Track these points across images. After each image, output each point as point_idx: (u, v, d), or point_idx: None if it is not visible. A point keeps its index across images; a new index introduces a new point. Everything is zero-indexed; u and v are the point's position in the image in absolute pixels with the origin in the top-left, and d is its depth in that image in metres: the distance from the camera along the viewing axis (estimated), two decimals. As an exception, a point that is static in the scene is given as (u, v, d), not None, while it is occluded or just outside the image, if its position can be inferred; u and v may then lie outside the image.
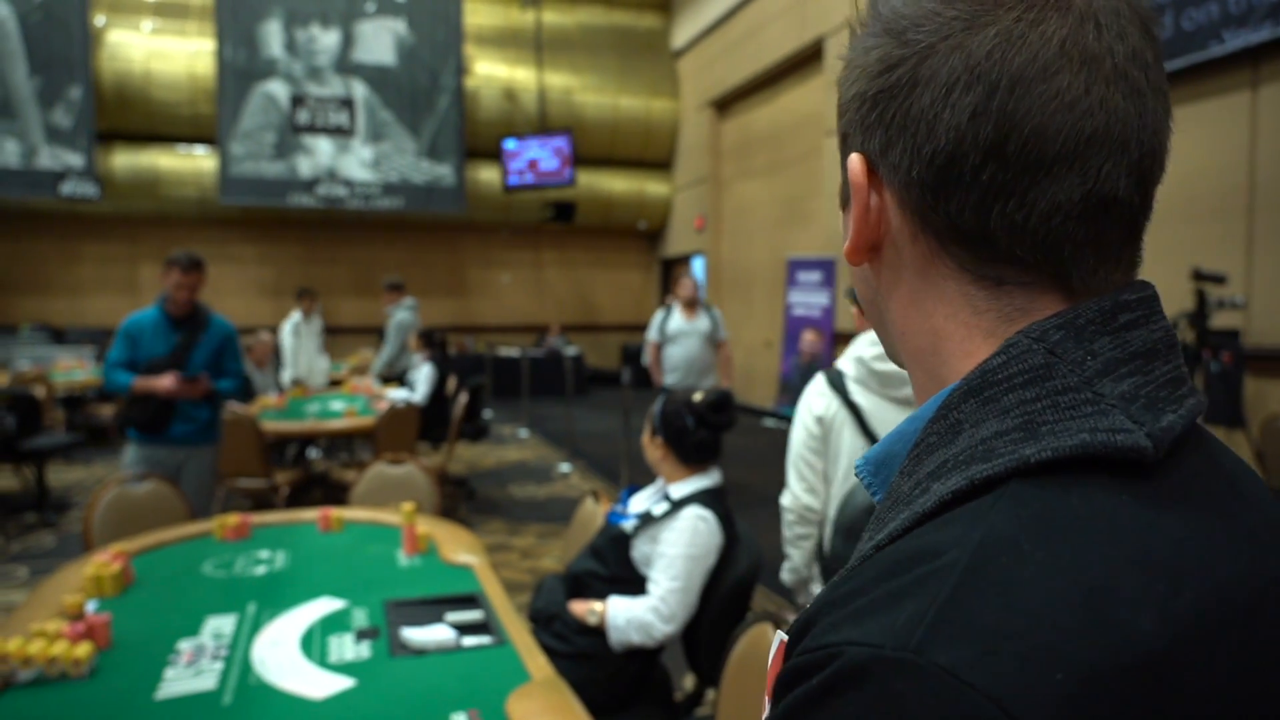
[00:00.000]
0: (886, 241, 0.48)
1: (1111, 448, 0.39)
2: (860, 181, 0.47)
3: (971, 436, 0.41)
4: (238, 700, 1.52)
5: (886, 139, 0.46)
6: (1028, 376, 0.41)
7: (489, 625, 1.85)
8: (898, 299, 0.49)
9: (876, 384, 2.05)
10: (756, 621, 1.55)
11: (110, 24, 10.64)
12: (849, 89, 0.48)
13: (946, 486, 0.40)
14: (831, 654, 0.36)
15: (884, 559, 0.40)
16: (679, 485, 2.02)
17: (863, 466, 0.51)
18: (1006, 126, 0.42)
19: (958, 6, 0.43)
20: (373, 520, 2.71)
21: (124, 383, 3.43)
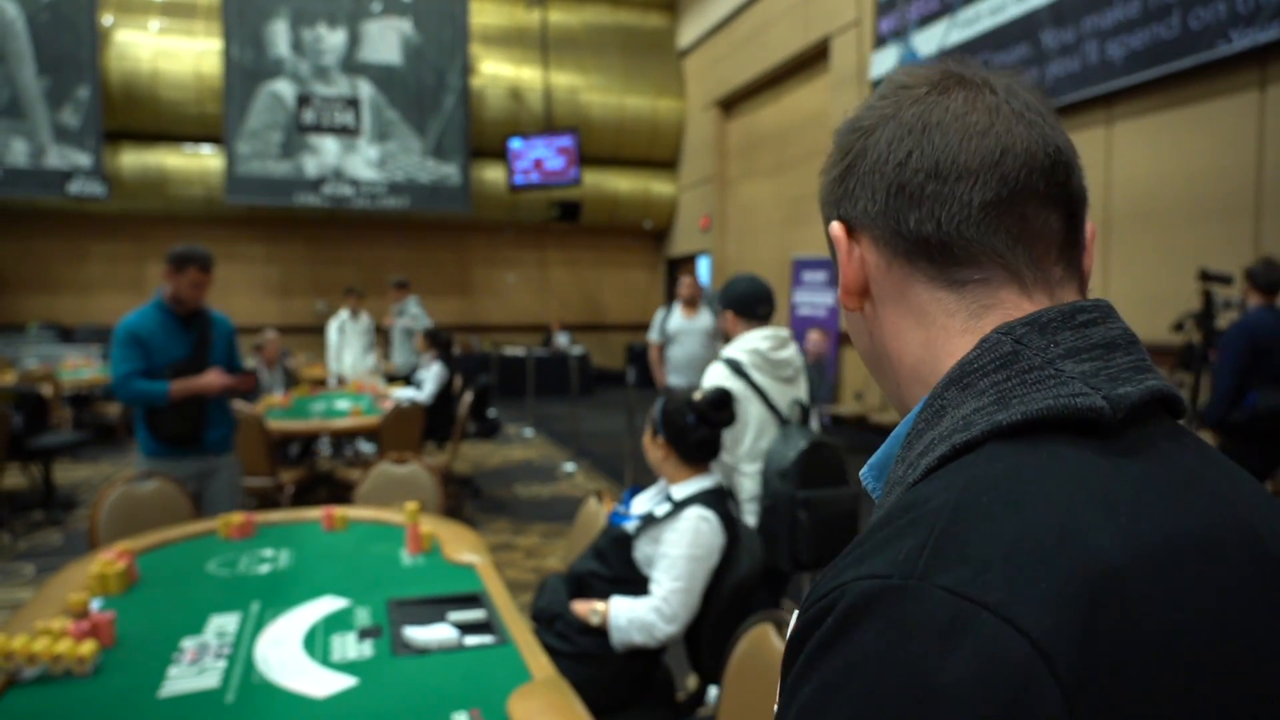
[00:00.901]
0: (871, 279, 0.57)
1: (1072, 409, 0.45)
2: (840, 237, 0.58)
3: (953, 416, 0.48)
4: (240, 698, 1.52)
5: (853, 198, 0.57)
6: (999, 362, 0.49)
7: (491, 625, 1.85)
8: (889, 324, 0.57)
9: (771, 369, 2.63)
10: (758, 621, 1.55)
11: (118, 24, 10.69)
12: (822, 183, 0.61)
13: (934, 455, 0.47)
14: (839, 594, 0.41)
15: (881, 516, 0.46)
16: (681, 486, 2.02)
17: (866, 474, 0.58)
18: (936, 154, 0.53)
19: (889, 99, 0.57)
20: (376, 519, 2.71)
21: (159, 390, 3.07)
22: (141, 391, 3.08)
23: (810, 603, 0.43)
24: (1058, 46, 6.24)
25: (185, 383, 3.12)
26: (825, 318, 8.87)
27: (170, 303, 3.19)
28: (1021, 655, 0.36)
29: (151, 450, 3.19)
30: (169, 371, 3.12)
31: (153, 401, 3.10)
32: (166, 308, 3.19)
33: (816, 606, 0.42)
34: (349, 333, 7.80)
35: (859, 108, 0.60)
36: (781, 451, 2.46)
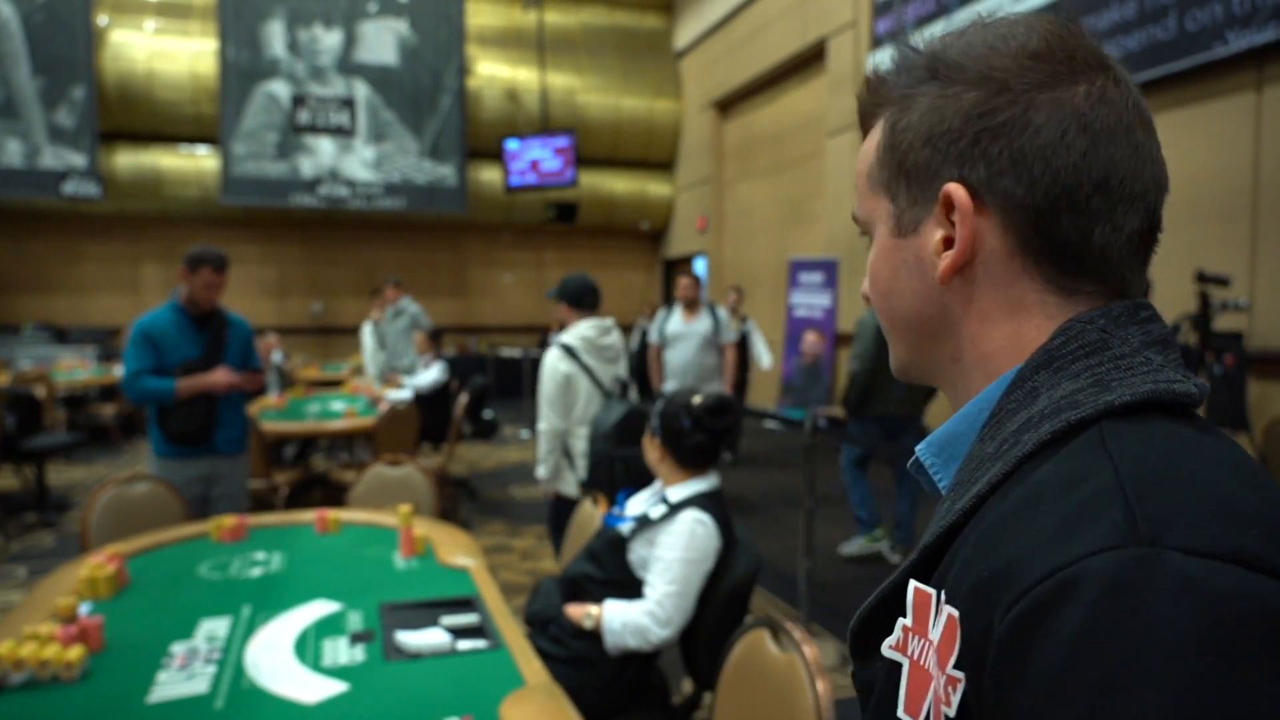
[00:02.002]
0: (979, 259, 0.55)
1: (1172, 393, 0.48)
2: (967, 207, 0.54)
3: (1050, 396, 0.50)
4: (230, 704, 1.51)
5: (993, 170, 0.53)
6: (1088, 349, 0.51)
7: (484, 629, 1.84)
8: (978, 308, 0.56)
9: (597, 351, 3.21)
10: (753, 626, 1.54)
11: (113, 24, 10.65)
12: (927, 126, 0.56)
13: (1042, 432, 0.48)
14: (1075, 572, 0.40)
15: (1023, 496, 0.46)
16: (677, 488, 2.01)
17: (925, 449, 0.59)
18: (1106, 167, 0.52)
19: (1044, 66, 0.53)
20: (370, 522, 2.69)
21: (166, 388, 3.08)
22: (149, 389, 3.10)
23: (1026, 587, 0.41)
24: (1054, 48, 6.24)
25: (192, 380, 3.14)
26: (822, 319, 8.85)
27: (186, 303, 3.23)
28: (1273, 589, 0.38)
29: (162, 450, 3.21)
30: (180, 370, 3.15)
31: (160, 399, 3.12)
32: (181, 308, 3.24)
33: (1043, 588, 0.40)
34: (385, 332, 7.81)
35: (972, 44, 0.55)
36: (604, 417, 3.03)
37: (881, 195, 0.60)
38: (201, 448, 3.21)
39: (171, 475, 3.12)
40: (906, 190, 0.58)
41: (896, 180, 0.58)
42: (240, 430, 3.38)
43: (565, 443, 3.18)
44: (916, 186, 0.57)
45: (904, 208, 0.58)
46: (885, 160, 0.59)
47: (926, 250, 0.57)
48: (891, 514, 4.83)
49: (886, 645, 0.53)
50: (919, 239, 0.58)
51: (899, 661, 0.51)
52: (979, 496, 0.49)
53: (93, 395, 8.71)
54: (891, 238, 0.60)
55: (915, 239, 0.58)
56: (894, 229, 0.59)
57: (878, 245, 0.62)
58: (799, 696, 1.34)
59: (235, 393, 3.27)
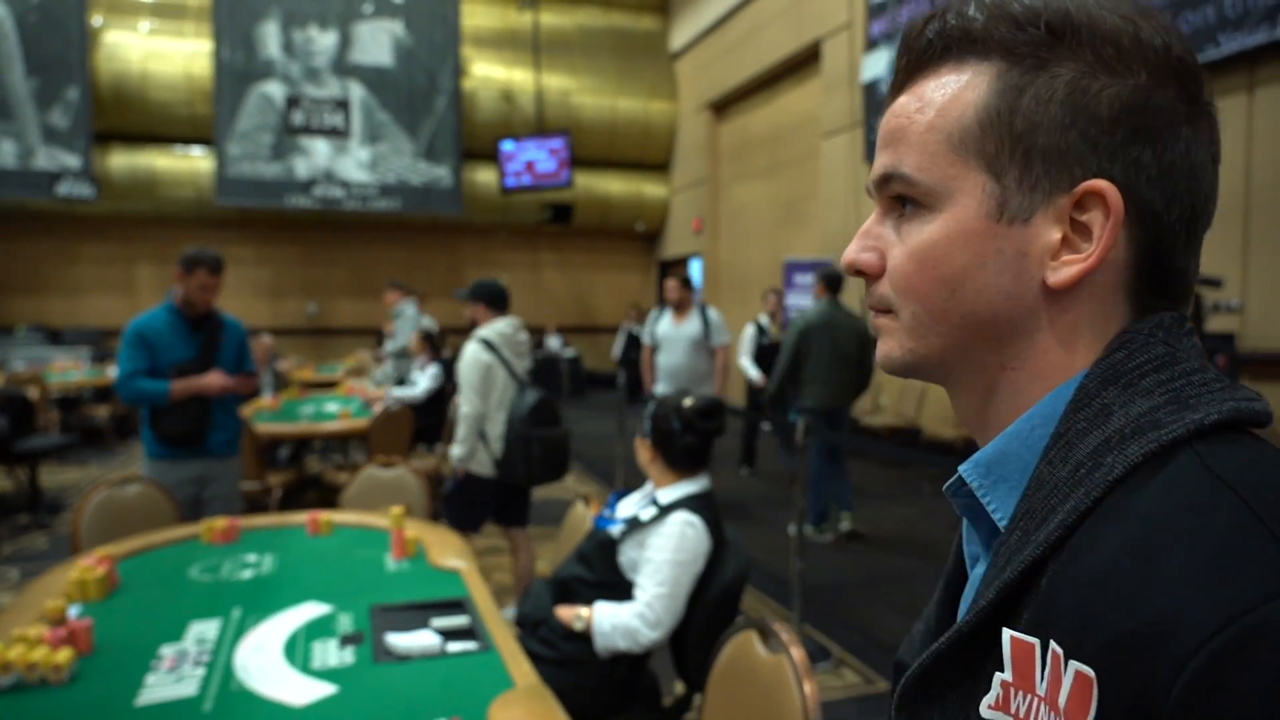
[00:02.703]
0: (1099, 268, 0.50)
1: (1251, 413, 0.45)
2: (1120, 211, 0.48)
3: (1125, 414, 0.46)
4: (218, 707, 1.50)
5: (1141, 177, 0.49)
6: (1157, 363, 0.48)
7: (475, 631, 1.84)
8: (1067, 322, 0.51)
9: (512, 346, 3.62)
10: (742, 628, 1.54)
11: (107, 24, 10.64)
12: (1076, 106, 0.49)
13: (1129, 454, 0.44)
14: (1253, 623, 0.36)
15: (1135, 532, 0.41)
16: (667, 490, 2.01)
17: (971, 470, 0.53)
18: (1213, 196, 0.51)
19: (1191, 75, 0.50)
20: (362, 524, 2.69)
21: (160, 390, 3.07)
22: (142, 390, 3.10)
23: (1195, 644, 0.36)
24: (1048, 50, 6.26)
25: (186, 382, 3.14)
26: (817, 320, 8.87)
27: (181, 305, 3.23)
28: None
29: (155, 451, 3.21)
30: (174, 372, 3.15)
31: (153, 401, 3.12)
32: (177, 310, 3.23)
33: (1219, 642, 0.36)
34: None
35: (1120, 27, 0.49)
36: (519, 402, 3.46)
37: (976, 166, 0.51)
38: (194, 449, 3.21)
39: (164, 477, 3.11)
40: (1025, 171, 0.50)
41: (1010, 155, 0.50)
42: (233, 432, 3.37)
43: (482, 427, 3.54)
44: (1040, 170, 0.50)
45: (1012, 190, 0.50)
46: (995, 127, 0.50)
47: (1035, 246, 0.50)
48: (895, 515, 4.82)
49: (985, 705, 0.47)
50: (1028, 231, 0.50)
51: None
52: (1065, 527, 0.44)
53: (86, 397, 8.69)
54: (985, 220, 0.51)
55: (1023, 230, 0.50)
56: (993, 211, 0.51)
57: (953, 225, 0.52)
58: (786, 697, 1.34)
59: (229, 395, 3.25)
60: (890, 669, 2.75)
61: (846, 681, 3.21)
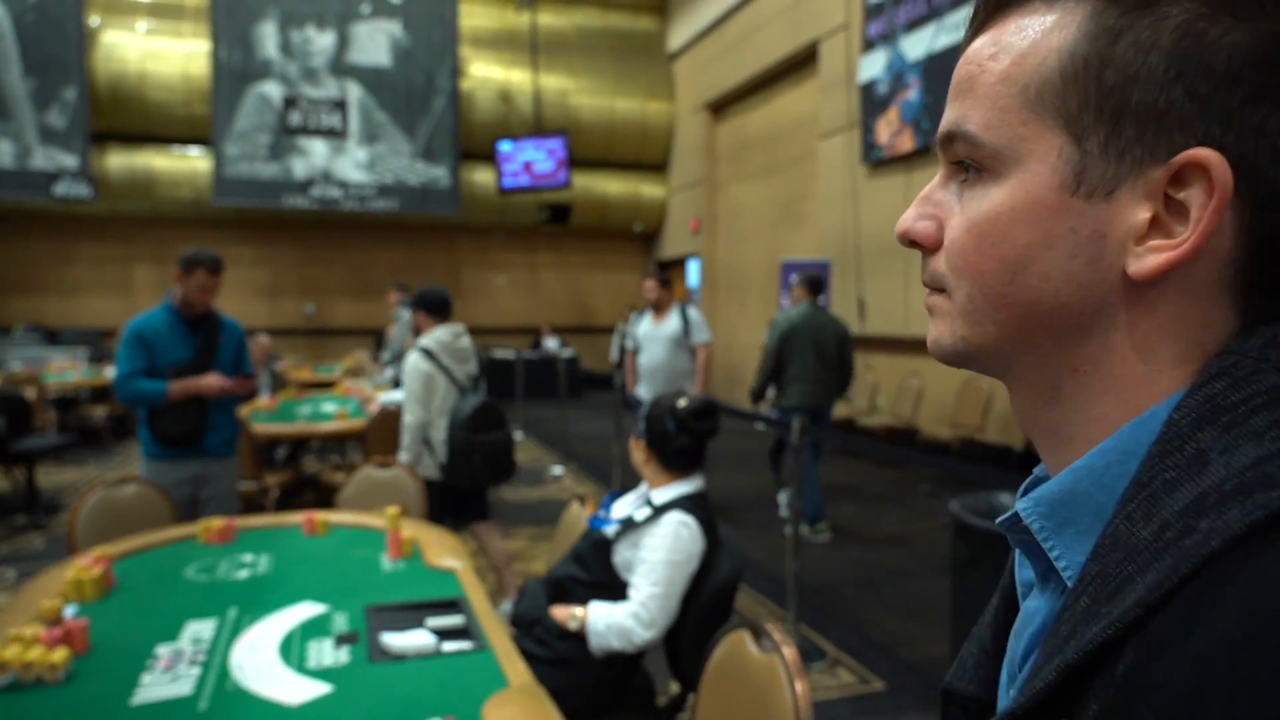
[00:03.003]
0: (1192, 259, 0.40)
1: None
2: (1229, 188, 0.39)
3: (1228, 465, 0.36)
4: (214, 706, 1.51)
5: (1264, 147, 0.39)
6: (1269, 396, 0.38)
7: (470, 630, 1.84)
8: (1151, 323, 0.42)
9: (453, 353, 3.71)
10: (735, 627, 1.55)
11: (105, 25, 10.64)
12: (1184, 56, 0.39)
13: (1231, 520, 0.35)
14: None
15: (1237, 630, 0.32)
16: (662, 491, 2.02)
17: (1032, 509, 0.44)
18: None
19: None
20: (358, 524, 2.70)
21: (158, 390, 3.08)
22: (140, 391, 3.11)
23: None
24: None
25: (184, 383, 3.14)
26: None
27: (180, 306, 3.23)
28: None
29: (152, 451, 3.22)
30: (172, 373, 3.15)
31: (151, 401, 3.12)
32: (175, 310, 3.24)
33: None
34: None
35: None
36: (461, 408, 3.52)
37: (1054, 127, 0.42)
38: (191, 450, 3.22)
39: (160, 477, 3.12)
40: (1112, 134, 0.41)
41: (1096, 114, 0.41)
42: (231, 433, 3.38)
43: (426, 433, 3.65)
44: (1132, 133, 0.41)
45: (1095, 157, 0.41)
46: (1080, 79, 0.41)
47: (1117, 226, 0.41)
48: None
49: None
50: (1110, 208, 0.41)
51: None
52: (1146, 606, 0.35)
53: (84, 397, 8.69)
54: (1059, 191, 0.42)
55: (1103, 206, 0.41)
56: (1069, 182, 0.42)
57: (1020, 194, 0.43)
58: (778, 697, 1.35)
59: (226, 396, 3.26)
60: (886, 668, 2.77)
61: (842, 681, 3.22)
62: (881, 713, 2.97)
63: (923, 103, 7.49)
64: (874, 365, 8.25)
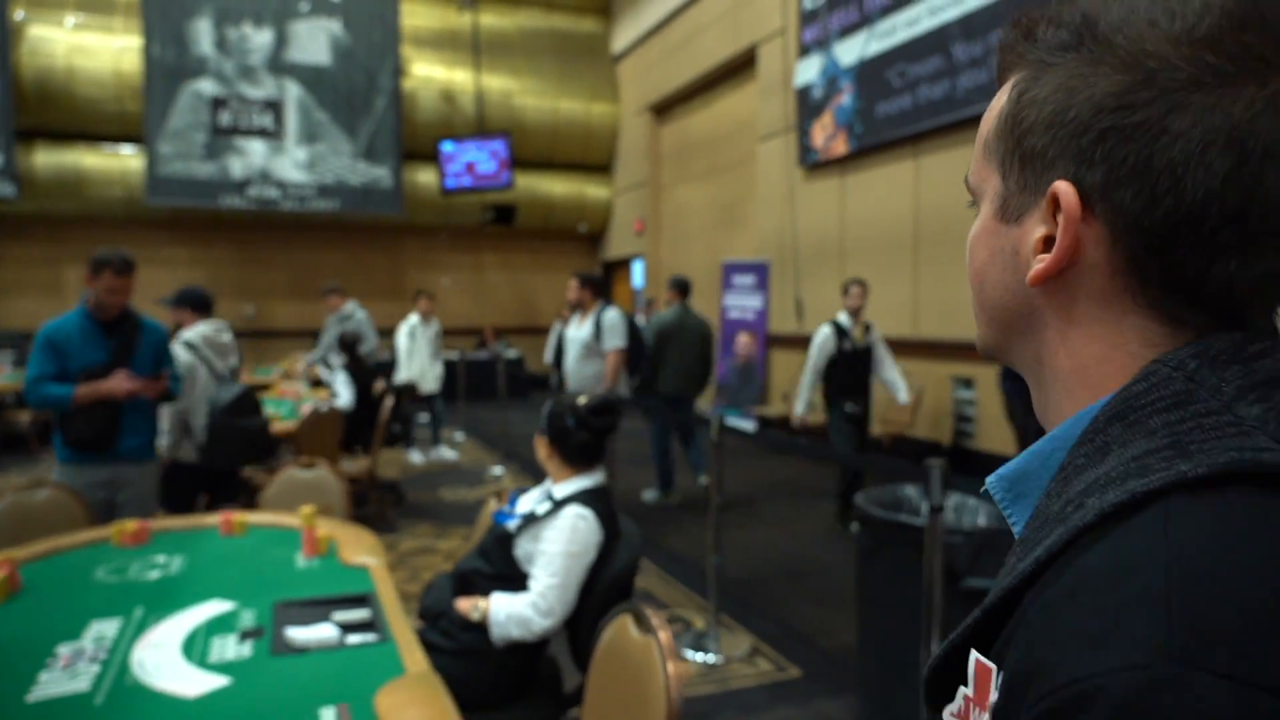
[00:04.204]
0: (1076, 269, 0.48)
1: (1259, 465, 0.40)
2: (1074, 213, 0.47)
3: (1120, 456, 0.44)
4: (109, 701, 1.54)
5: (1113, 177, 0.46)
6: (1170, 401, 0.44)
7: (375, 624, 1.90)
8: (1065, 322, 0.50)
9: (215, 347, 4.14)
10: (621, 612, 1.63)
11: (30, 19, 10.33)
12: (1054, 107, 0.48)
13: (1106, 500, 0.42)
14: (1092, 688, 0.36)
15: (1073, 579, 0.41)
16: (563, 485, 2.10)
17: (995, 483, 0.54)
18: (1251, 195, 0.43)
19: (1210, 57, 0.43)
20: (276, 524, 2.72)
21: (64, 394, 3.03)
22: (47, 395, 3.06)
23: (1046, 692, 0.37)
24: (968, 60, 6.50)
25: (90, 386, 3.08)
26: (754, 321, 9.03)
27: (93, 309, 3.18)
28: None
29: (64, 455, 3.18)
30: (83, 376, 3.09)
31: (58, 405, 3.08)
32: (88, 313, 3.18)
33: (1059, 698, 0.37)
34: (419, 338, 7.41)
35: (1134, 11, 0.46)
36: (219, 397, 3.92)
37: (994, 169, 0.53)
38: (104, 454, 3.17)
39: (73, 481, 3.08)
40: (1019, 173, 0.51)
41: (1010, 159, 0.51)
42: (148, 436, 3.34)
43: (185, 419, 3.97)
44: (1029, 172, 0.50)
45: (1012, 191, 0.52)
46: (1004, 132, 0.52)
47: (1025, 244, 0.51)
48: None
49: (949, 712, 0.49)
50: (1020, 230, 0.51)
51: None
52: (1039, 563, 0.43)
53: (9, 401, 8.45)
54: (994, 219, 0.53)
55: (1016, 228, 0.51)
56: (998, 211, 0.53)
57: (981, 222, 0.55)
58: (653, 676, 1.43)
59: (140, 398, 3.22)
60: (803, 656, 2.90)
61: (760, 669, 3.32)
62: (796, 699, 3.09)
63: (855, 107, 7.68)
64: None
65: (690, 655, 3.39)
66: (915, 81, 6.98)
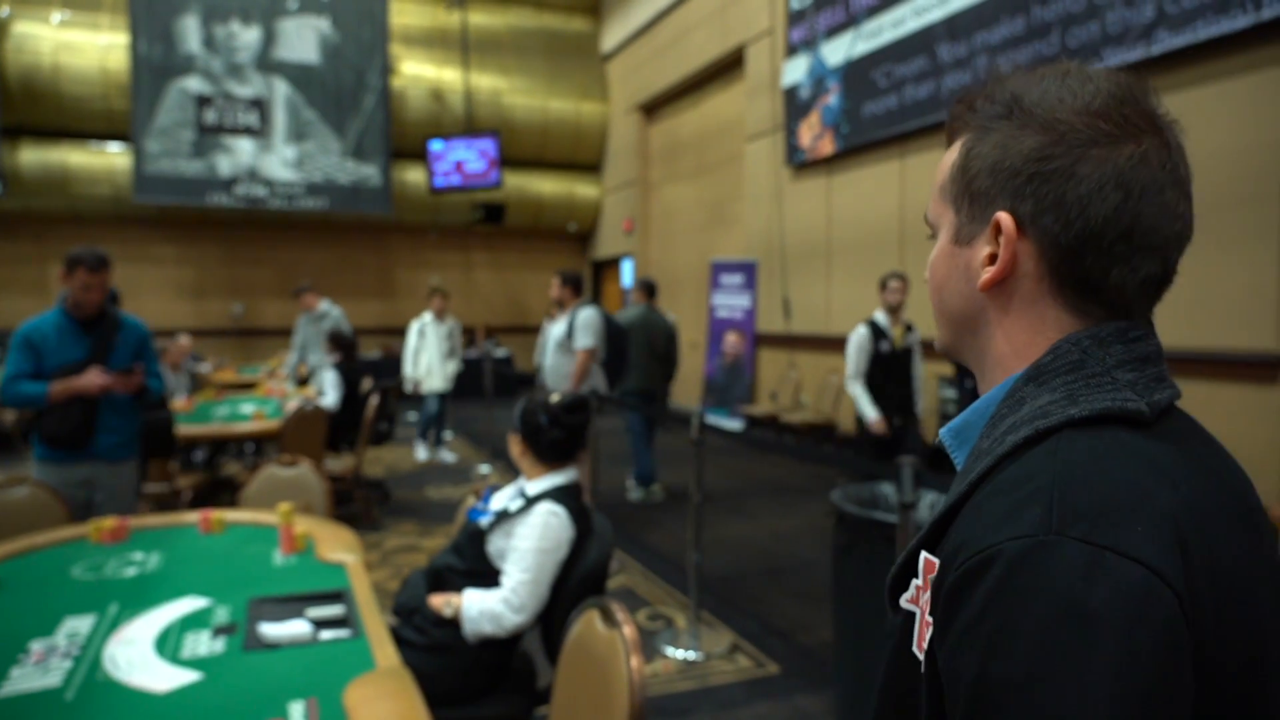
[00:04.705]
0: (1013, 278, 0.66)
1: (1122, 410, 0.59)
2: (1012, 235, 0.65)
3: (1032, 406, 0.62)
4: (80, 696, 1.55)
5: (1038, 208, 0.63)
6: (1067, 367, 0.62)
7: (348, 619, 1.91)
8: (1006, 318, 0.68)
9: None
10: (588, 608, 1.65)
11: (15, 15, 10.27)
12: (994, 159, 0.66)
13: (1019, 435, 0.60)
14: (995, 551, 0.53)
15: (992, 487, 0.59)
16: (535, 482, 2.11)
17: (946, 433, 0.72)
18: (1135, 220, 0.62)
19: (1102, 124, 0.62)
20: (254, 521, 2.73)
21: (37, 392, 3.03)
22: (21, 394, 3.06)
23: (965, 558, 0.54)
24: (952, 60, 6.54)
25: (64, 383, 3.07)
26: (742, 320, 9.07)
27: (70, 307, 3.17)
28: (1141, 576, 0.50)
29: (41, 453, 3.17)
30: (59, 374, 3.08)
31: (33, 403, 3.08)
32: (66, 312, 3.18)
33: (974, 560, 0.54)
34: (430, 336, 7.39)
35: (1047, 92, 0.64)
36: None
37: (949, 206, 0.71)
38: (80, 452, 3.16)
39: (50, 479, 3.08)
40: (969, 208, 0.68)
41: (962, 198, 0.69)
42: (126, 435, 3.31)
43: None
44: (976, 207, 0.68)
45: (964, 222, 0.69)
46: (957, 178, 0.69)
47: (975, 261, 0.68)
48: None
49: (904, 599, 0.66)
50: (971, 250, 0.69)
51: (913, 611, 0.65)
52: (972, 484, 0.60)
53: (-6, 400, 8.41)
54: (951, 244, 0.71)
55: (968, 250, 0.69)
56: (954, 237, 0.70)
57: (940, 247, 0.73)
58: (617, 670, 1.45)
59: (119, 396, 3.20)
60: (782, 652, 2.95)
61: (739, 666, 3.35)
62: (775, 695, 3.11)
63: (842, 107, 7.71)
64: (798, 363, 8.46)
65: (670, 652, 3.41)
66: (901, 82, 7.02)
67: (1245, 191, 4.55)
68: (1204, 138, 4.72)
